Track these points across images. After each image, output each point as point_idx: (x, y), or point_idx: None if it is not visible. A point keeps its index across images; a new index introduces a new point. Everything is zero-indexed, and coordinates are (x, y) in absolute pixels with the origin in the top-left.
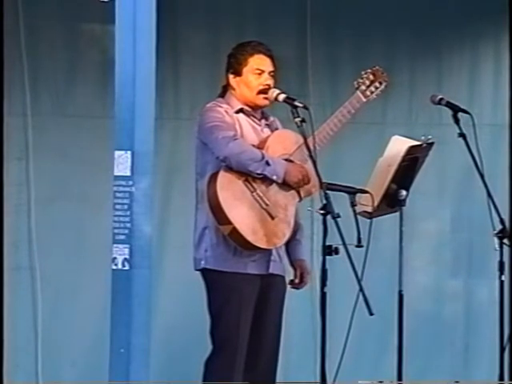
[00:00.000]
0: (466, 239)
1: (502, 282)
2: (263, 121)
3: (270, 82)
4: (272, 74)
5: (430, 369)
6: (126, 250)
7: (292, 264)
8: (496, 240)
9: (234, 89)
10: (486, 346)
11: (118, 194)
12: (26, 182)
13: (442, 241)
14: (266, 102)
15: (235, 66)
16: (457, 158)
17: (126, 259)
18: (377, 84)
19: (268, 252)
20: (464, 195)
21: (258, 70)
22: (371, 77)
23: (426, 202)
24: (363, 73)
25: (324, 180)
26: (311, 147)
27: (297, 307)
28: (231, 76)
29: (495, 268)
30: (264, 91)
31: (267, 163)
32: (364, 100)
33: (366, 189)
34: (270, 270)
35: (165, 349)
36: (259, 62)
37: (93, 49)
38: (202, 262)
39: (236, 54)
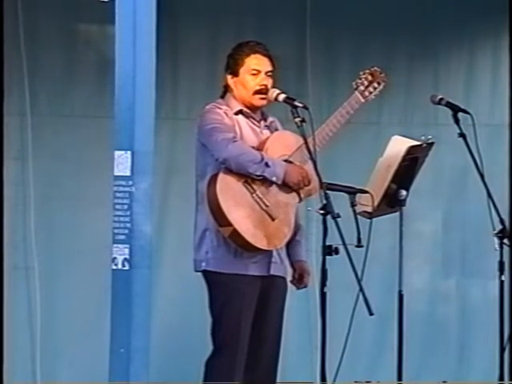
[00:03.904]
0: (462, 239)
1: (501, 282)
2: (262, 122)
3: (267, 82)
4: (269, 74)
5: (427, 369)
6: (126, 250)
7: (292, 265)
8: (496, 240)
9: (231, 89)
10: (482, 345)
11: (117, 194)
12: (23, 181)
13: (438, 241)
14: (263, 102)
15: (233, 67)
16: (453, 158)
17: (125, 259)
18: (375, 84)
19: (269, 253)
20: (460, 195)
21: (254, 71)
22: (369, 77)
23: (421, 202)
24: (361, 73)
25: (322, 180)
26: (311, 148)
27: (294, 307)
28: (229, 76)
29: (492, 268)
30: (260, 91)
31: (266, 165)
32: (362, 100)
33: (366, 189)
34: (271, 272)
35: (165, 349)
36: (256, 63)
37: (92, 49)
38: (203, 264)
39: (234, 55)
